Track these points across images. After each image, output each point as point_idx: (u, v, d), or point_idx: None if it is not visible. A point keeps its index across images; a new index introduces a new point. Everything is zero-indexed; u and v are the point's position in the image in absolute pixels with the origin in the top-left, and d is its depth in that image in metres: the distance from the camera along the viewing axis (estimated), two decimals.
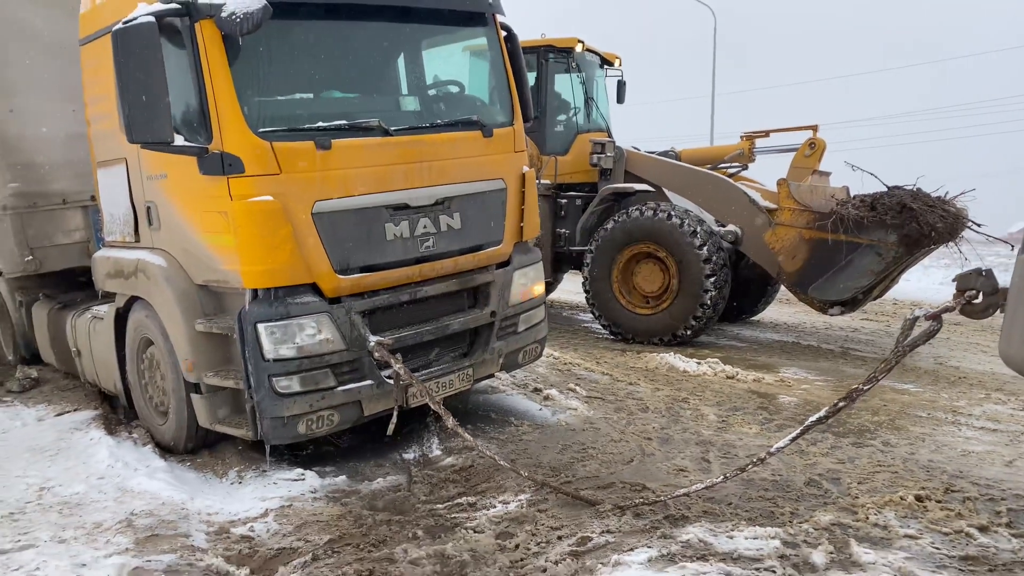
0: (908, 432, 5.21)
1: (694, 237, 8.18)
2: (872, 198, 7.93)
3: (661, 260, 8.58)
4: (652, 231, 8.49)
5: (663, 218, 8.40)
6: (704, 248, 8.15)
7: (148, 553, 3.62)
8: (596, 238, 8.96)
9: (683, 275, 8.35)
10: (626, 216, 8.71)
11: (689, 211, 8.49)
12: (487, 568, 3.49)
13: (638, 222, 8.59)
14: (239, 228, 4.30)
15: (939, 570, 3.32)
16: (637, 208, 8.67)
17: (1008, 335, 2.72)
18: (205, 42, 4.21)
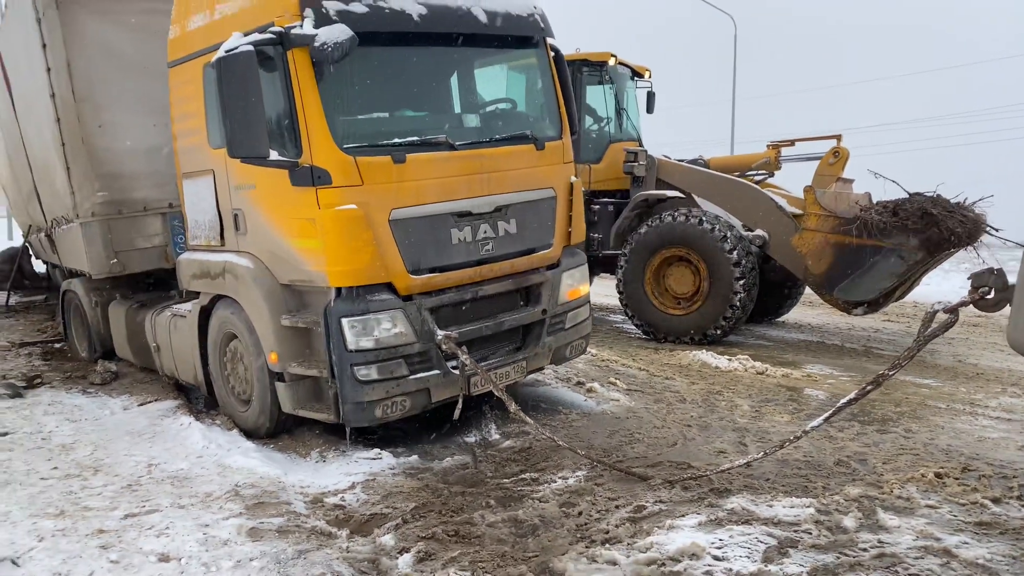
0: (928, 421, 5.70)
1: (724, 242, 8.68)
2: (894, 204, 8.43)
3: (692, 263, 9.08)
4: (685, 236, 9.00)
5: (695, 223, 8.90)
6: (734, 253, 8.65)
7: (259, 516, 4.20)
8: (630, 242, 9.48)
9: (713, 278, 8.85)
10: (660, 221, 9.22)
11: (720, 217, 8.99)
12: (556, 530, 4.03)
13: (672, 227, 9.09)
14: (326, 233, 4.87)
15: (956, 533, 3.82)
16: (671, 213, 9.18)
17: (1015, 322, 3.21)
18: (297, 68, 4.78)
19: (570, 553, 3.74)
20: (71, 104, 6.74)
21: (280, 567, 3.64)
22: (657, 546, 3.74)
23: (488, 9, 5.48)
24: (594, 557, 3.70)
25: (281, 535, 3.99)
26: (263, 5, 4.99)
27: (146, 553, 3.81)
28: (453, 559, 3.70)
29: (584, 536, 3.94)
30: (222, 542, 3.90)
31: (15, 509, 4.37)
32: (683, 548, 3.70)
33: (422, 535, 3.97)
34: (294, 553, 3.78)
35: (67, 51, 6.71)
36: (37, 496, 4.56)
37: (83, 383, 7.28)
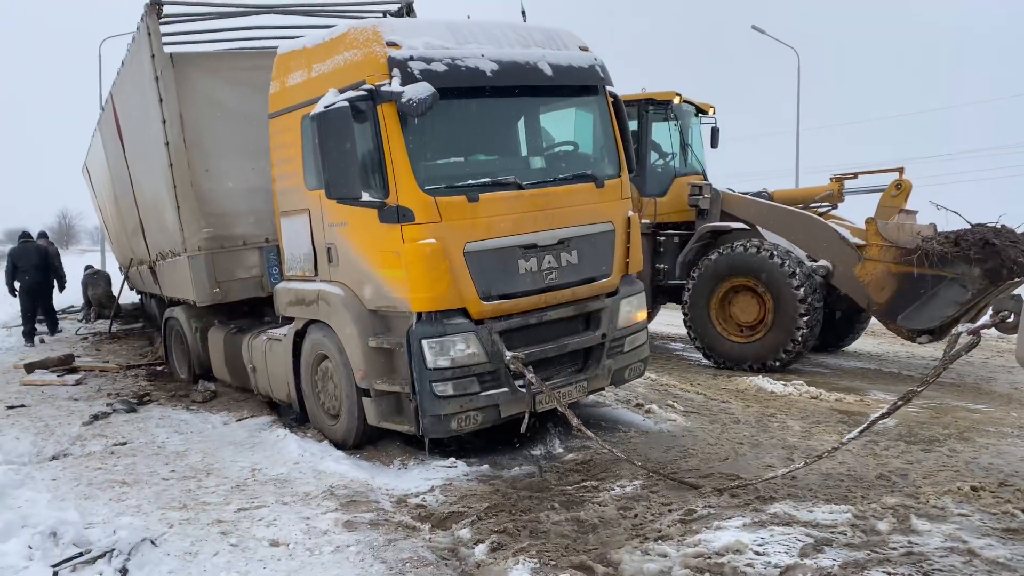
0: (974, 442, 6.05)
1: (793, 278, 9.12)
2: (956, 234, 8.78)
3: (759, 294, 9.55)
4: (754, 267, 9.48)
5: (765, 256, 9.37)
6: (801, 289, 9.08)
7: (352, 512, 4.90)
8: (699, 267, 9.99)
9: (778, 311, 9.30)
10: (730, 250, 9.72)
11: (790, 252, 9.42)
12: (614, 528, 4.60)
13: (742, 257, 9.59)
14: (409, 264, 5.62)
15: (983, 537, 4.24)
16: (742, 244, 9.68)
17: (1021, 342, 3.65)
18: (386, 121, 5.57)
19: (626, 547, 4.31)
20: (182, 151, 7.75)
21: (374, 552, 4.32)
22: (704, 543, 4.28)
23: (553, 63, 6.20)
24: (647, 551, 4.26)
25: (372, 527, 4.68)
26: (356, 65, 5.80)
27: (259, 539, 4.55)
28: (522, 549, 4.31)
29: (639, 534, 4.50)
30: (322, 532, 4.61)
31: (144, 503, 5.19)
32: (728, 544, 4.22)
33: (494, 530, 4.59)
34: (385, 541, 4.46)
35: (180, 105, 7.74)
36: (161, 493, 5.38)
37: (186, 401, 8.22)
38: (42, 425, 7.25)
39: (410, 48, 5.64)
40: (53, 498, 5.17)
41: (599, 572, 4.04)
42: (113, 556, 4.16)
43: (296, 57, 6.55)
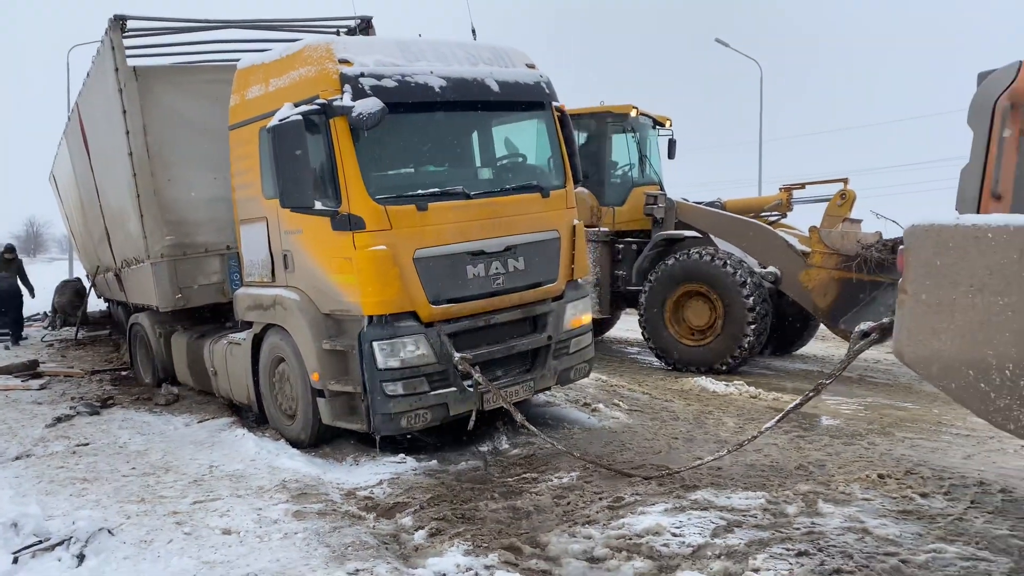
0: (893, 436, 6.50)
1: (743, 287, 9.56)
2: (893, 241, 9.28)
3: (710, 300, 9.98)
4: (707, 274, 9.91)
5: (718, 264, 9.81)
6: (750, 298, 9.52)
7: (302, 503, 5.22)
8: (653, 274, 10.41)
9: (728, 317, 9.74)
10: (684, 257, 10.15)
11: (742, 261, 9.87)
12: (547, 515, 4.96)
13: (696, 264, 10.02)
14: (361, 270, 5.95)
15: (879, 518, 4.65)
16: (695, 252, 10.11)
17: (896, 336, 4.05)
18: (338, 133, 5.91)
19: (555, 531, 4.67)
20: (146, 161, 8.03)
21: (319, 537, 4.64)
22: (627, 526, 4.66)
23: (500, 80, 6.59)
24: (574, 534, 4.63)
25: (320, 516, 5.00)
26: (310, 80, 6.14)
27: (212, 528, 4.85)
28: (458, 534, 4.65)
29: (569, 519, 4.87)
30: (272, 521, 4.93)
31: (104, 497, 5.47)
32: (648, 527, 4.60)
33: (435, 517, 4.94)
34: (330, 528, 4.79)
35: (143, 116, 8.03)
36: (121, 488, 5.66)
37: (149, 404, 8.47)
38: (5, 428, 7.48)
39: (361, 65, 5.99)
40: (15, 494, 5.43)
41: (527, 552, 4.39)
42: (71, 543, 4.45)
43: (255, 72, 6.88)
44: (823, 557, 4.12)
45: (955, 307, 3.53)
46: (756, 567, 4.03)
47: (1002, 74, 3.99)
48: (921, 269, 3.66)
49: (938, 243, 3.60)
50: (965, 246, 3.51)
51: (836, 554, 4.16)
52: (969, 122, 4.10)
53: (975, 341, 3.50)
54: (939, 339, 3.61)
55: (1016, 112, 3.90)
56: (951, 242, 3.56)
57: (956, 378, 3.60)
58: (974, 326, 3.49)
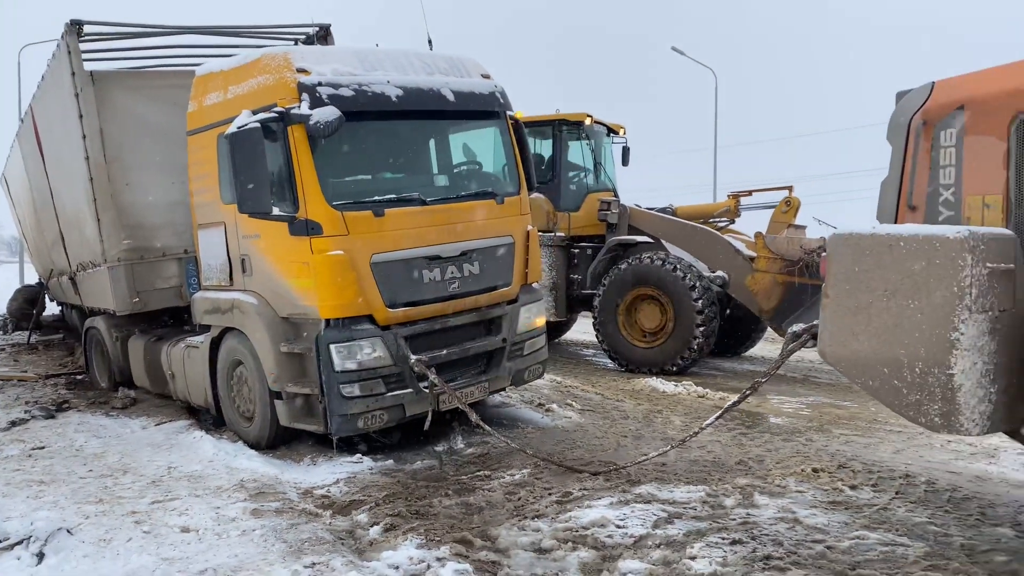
0: (830, 433, 6.84)
1: (693, 291, 9.89)
2: None
3: (661, 303, 10.30)
4: (658, 278, 10.22)
5: (669, 269, 10.12)
6: (699, 302, 9.86)
7: (260, 502, 5.35)
8: (607, 278, 10.69)
9: (678, 319, 10.06)
10: (638, 261, 10.45)
11: (692, 266, 10.20)
12: (498, 510, 5.17)
13: (648, 268, 10.32)
14: (318, 274, 6.10)
15: (809, 508, 4.95)
16: (649, 256, 10.43)
17: (820, 337, 4.34)
18: (295, 141, 6.06)
19: (505, 524, 4.88)
20: (103, 166, 8.06)
21: (276, 534, 4.79)
22: (574, 519, 4.88)
23: (455, 89, 6.79)
24: (523, 527, 4.84)
25: (278, 514, 5.14)
26: (268, 89, 6.28)
27: (171, 526, 4.96)
28: (412, 528, 4.83)
29: (519, 514, 5.08)
30: (231, 519, 5.05)
31: (61, 499, 5.53)
32: (594, 520, 4.84)
33: (390, 514, 5.11)
34: (288, 525, 4.93)
35: (100, 120, 8.06)
36: (79, 490, 5.72)
37: (105, 407, 8.49)
38: None
39: (319, 74, 6.15)
40: None
41: (477, 545, 4.59)
42: (30, 543, 4.54)
43: (213, 79, 6.99)
44: (755, 545, 4.39)
45: (871, 310, 3.82)
46: (693, 555, 4.28)
47: (916, 94, 4.31)
48: (841, 275, 3.94)
49: (856, 251, 3.89)
50: (880, 254, 3.80)
51: (768, 542, 4.44)
52: (888, 138, 4.42)
53: (889, 341, 3.78)
54: (857, 340, 3.89)
55: (928, 129, 4.22)
56: (868, 250, 3.85)
57: (873, 376, 3.89)
58: (888, 328, 3.78)
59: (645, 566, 4.22)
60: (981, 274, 3.63)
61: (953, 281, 3.61)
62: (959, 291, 3.61)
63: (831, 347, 4.04)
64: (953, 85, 4.20)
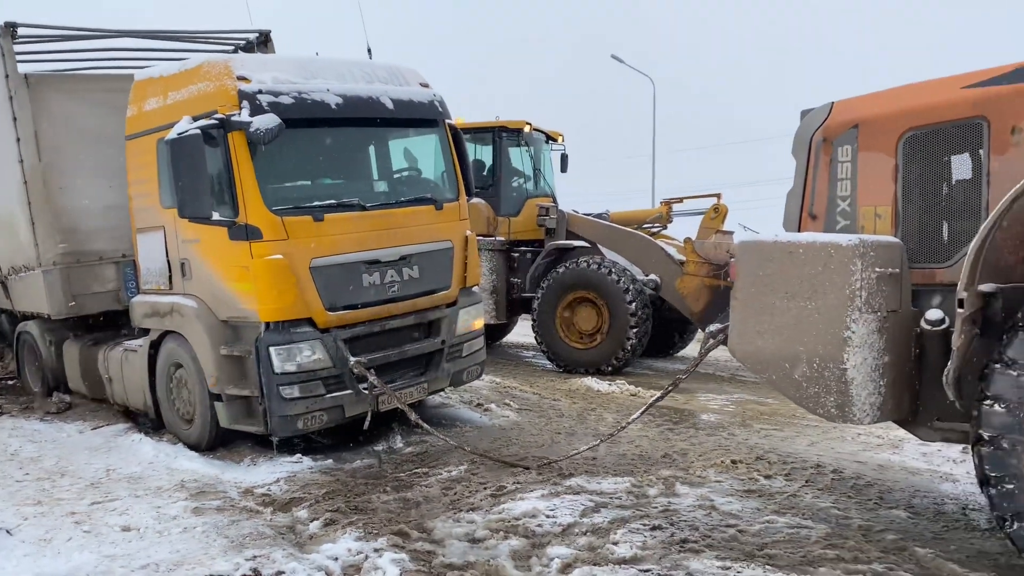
0: (751, 428, 7.26)
1: (626, 294, 10.29)
2: None
3: (597, 306, 10.67)
4: (593, 281, 10.59)
5: (604, 273, 10.50)
6: (633, 304, 10.26)
7: (201, 500, 5.49)
8: (545, 282, 11.02)
9: (613, 321, 10.45)
10: (575, 265, 10.80)
11: (626, 270, 10.59)
12: (435, 504, 5.40)
13: (583, 272, 10.68)
14: (257, 278, 6.25)
15: (726, 496, 5.31)
16: (584, 260, 10.79)
17: (730, 335, 4.70)
18: (236, 147, 6.19)
19: (441, 517, 5.12)
20: (37, 169, 8.02)
21: (218, 530, 4.94)
22: (507, 510, 5.15)
23: (394, 97, 7.01)
24: (458, 519, 5.09)
25: (219, 511, 5.29)
26: (209, 95, 6.40)
27: (111, 526, 5.07)
28: (351, 523, 5.03)
29: (455, 507, 5.32)
30: (172, 517, 5.18)
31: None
32: (526, 511, 5.11)
33: (329, 510, 5.30)
34: (229, 522, 5.09)
35: (35, 124, 8.01)
36: (16, 492, 5.76)
37: (40, 412, 8.44)
38: None
39: (259, 82, 6.30)
40: None
41: (414, 536, 4.82)
42: None
43: (153, 84, 7.06)
44: (673, 530, 4.73)
45: (774, 310, 4.19)
46: (616, 540, 4.59)
47: (818, 112, 4.71)
48: (747, 279, 4.31)
49: (761, 257, 4.26)
50: (781, 259, 4.17)
51: (685, 527, 4.78)
52: (792, 152, 4.81)
53: (789, 339, 4.16)
54: (761, 338, 4.26)
55: (827, 145, 4.61)
56: (771, 256, 4.22)
57: (775, 371, 4.26)
58: (788, 327, 4.15)
59: (571, 551, 4.51)
60: (870, 278, 4.03)
61: (845, 284, 4.00)
62: (850, 293, 4.00)
63: (739, 345, 4.40)
64: (849, 105, 4.61)
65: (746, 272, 4.30)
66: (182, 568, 4.36)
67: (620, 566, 4.29)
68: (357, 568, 4.38)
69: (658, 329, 11.13)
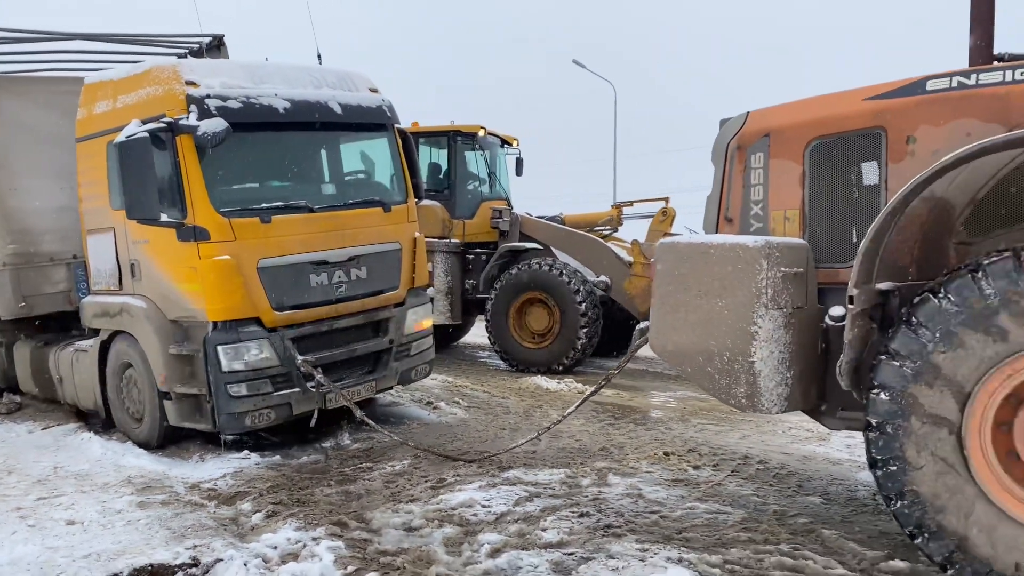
0: (690, 422, 7.57)
1: (577, 294, 10.58)
2: None
3: (549, 307, 10.94)
4: (546, 283, 10.87)
5: (556, 274, 10.78)
6: (583, 305, 10.55)
7: (147, 495, 5.63)
8: (499, 283, 11.27)
9: (564, 322, 10.73)
10: (528, 266, 11.06)
11: (577, 272, 10.88)
12: (376, 496, 5.61)
13: (536, 273, 10.95)
14: (205, 279, 6.40)
15: (654, 486, 5.59)
16: (538, 262, 11.05)
17: (650, 331, 4.96)
18: (183, 150, 6.35)
19: (380, 508, 5.33)
20: None
21: (161, 522, 5.10)
22: (444, 501, 5.37)
23: (343, 103, 7.21)
24: (397, 510, 5.29)
25: (163, 505, 5.44)
26: (158, 99, 6.54)
27: (56, 520, 5.20)
28: (292, 514, 5.22)
29: (395, 499, 5.53)
30: (116, 511, 5.32)
31: None
32: (462, 501, 5.34)
33: (272, 502, 5.48)
34: (173, 515, 5.25)
35: None
36: None
37: None
38: None
39: (207, 87, 6.46)
40: None
41: (352, 526, 5.02)
42: None
43: (103, 88, 7.18)
44: (600, 516, 4.99)
45: (688, 307, 4.46)
46: (544, 527, 4.84)
47: (734, 121, 5.01)
48: (666, 277, 4.58)
49: (677, 257, 4.53)
50: (695, 260, 4.45)
51: (611, 514, 5.04)
52: (712, 159, 5.10)
53: (702, 334, 4.43)
54: (677, 333, 4.53)
55: (742, 152, 4.91)
56: (686, 256, 4.49)
57: (690, 364, 4.53)
58: (702, 322, 4.42)
59: (502, 537, 4.74)
60: (776, 277, 4.32)
61: (752, 283, 4.29)
62: (757, 291, 4.28)
63: (657, 340, 4.67)
64: (762, 115, 4.91)
65: (664, 272, 4.57)
66: (123, 557, 4.52)
67: (546, 550, 4.54)
68: (294, 555, 4.57)
69: (610, 329, 11.43)
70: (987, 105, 4.23)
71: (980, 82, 4.30)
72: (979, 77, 4.31)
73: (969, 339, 3.67)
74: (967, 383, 3.69)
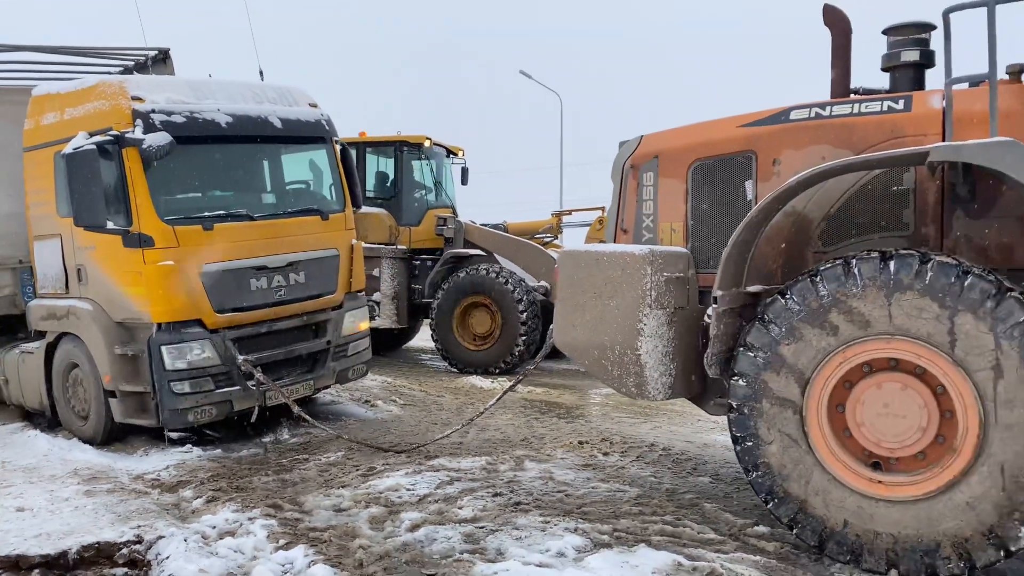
0: (610, 416, 8.27)
1: (519, 302, 11.24)
2: None
3: (491, 311, 11.59)
4: (488, 288, 11.52)
5: (499, 281, 11.43)
6: (524, 312, 11.22)
7: (94, 484, 6.11)
8: (443, 288, 11.88)
9: (505, 325, 11.40)
10: (472, 272, 11.70)
11: (517, 276, 11.54)
12: (310, 483, 6.17)
13: (479, 278, 11.60)
14: (149, 283, 6.91)
15: (564, 470, 6.26)
16: (482, 267, 11.69)
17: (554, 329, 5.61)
18: (129, 162, 6.85)
19: (313, 493, 5.90)
20: None
21: (107, 508, 5.59)
22: (373, 486, 5.96)
23: (282, 117, 7.77)
24: (328, 494, 5.87)
25: (109, 493, 5.94)
26: (104, 113, 7.03)
27: (6, 507, 5.66)
28: (231, 499, 5.76)
29: (328, 485, 6.10)
30: (64, 499, 5.80)
31: None
32: (389, 486, 5.93)
33: (212, 489, 6.01)
34: (118, 501, 5.75)
35: None
36: None
37: None
38: None
39: (152, 102, 6.97)
40: None
41: (286, 508, 5.58)
42: None
43: (51, 100, 7.64)
44: (511, 496, 5.63)
45: (585, 307, 5.13)
46: (461, 506, 5.46)
47: (630, 144, 5.71)
48: (565, 281, 5.24)
49: (575, 263, 5.20)
50: (590, 265, 5.12)
51: (523, 493, 5.69)
52: (611, 177, 5.80)
53: (597, 331, 5.10)
54: (576, 330, 5.19)
55: (635, 171, 5.61)
56: (583, 263, 5.16)
57: (587, 357, 5.20)
58: (596, 321, 5.09)
59: (422, 515, 5.34)
60: (659, 281, 5.01)
61: (638, 286, 4.97)
62: (642, 293, 4.97)
63: (559, 336, 5.33)
64: (654, 138, 5.63)
65: (565, 275, 5.24)
66: (72, 536, 5.02)
67: (460, 524, 5.15)
68: (231, 532, 5.11)
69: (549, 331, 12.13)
70: (838, 133, 5.00)
71: (833, 113, 5.07)
72: (832, 108, 5.08)
73: (808, 333, 4.39)
74: (807, 370, 4.41)
